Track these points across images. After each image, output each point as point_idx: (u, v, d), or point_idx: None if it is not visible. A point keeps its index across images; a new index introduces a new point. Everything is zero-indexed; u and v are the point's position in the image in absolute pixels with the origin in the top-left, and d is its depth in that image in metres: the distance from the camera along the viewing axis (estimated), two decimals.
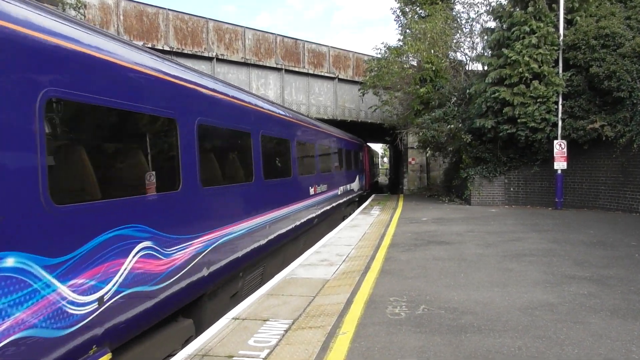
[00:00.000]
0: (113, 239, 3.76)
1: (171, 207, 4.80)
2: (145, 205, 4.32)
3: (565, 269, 7.05)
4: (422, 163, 27.57)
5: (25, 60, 3.08)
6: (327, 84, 25.31)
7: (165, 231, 4.54)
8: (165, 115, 4.80)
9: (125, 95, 4.11)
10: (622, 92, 13.56)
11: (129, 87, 4.22)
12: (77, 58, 3.59)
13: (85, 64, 3.68)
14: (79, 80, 3.56)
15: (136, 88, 4.34)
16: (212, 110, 5.98)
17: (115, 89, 3.99)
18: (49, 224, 3.14)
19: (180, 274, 4.79)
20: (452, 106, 18.54)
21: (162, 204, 4.62)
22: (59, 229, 3.24)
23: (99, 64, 3.84)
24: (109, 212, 3.76)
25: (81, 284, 3.39)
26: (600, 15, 14.83)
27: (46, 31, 3.29)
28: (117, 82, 4.04)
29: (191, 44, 19.33)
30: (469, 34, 21.61)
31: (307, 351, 4.25)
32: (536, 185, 16.39)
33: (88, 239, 3.50)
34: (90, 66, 3.73)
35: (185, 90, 5.26)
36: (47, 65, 3.26)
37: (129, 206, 4.06)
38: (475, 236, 10.24)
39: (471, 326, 4.71)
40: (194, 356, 4.26)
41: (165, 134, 4.98)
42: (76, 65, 3.57)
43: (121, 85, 4.11)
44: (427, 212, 15.60)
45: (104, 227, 3.68)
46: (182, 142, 5.03)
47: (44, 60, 3.25)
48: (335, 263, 8.10)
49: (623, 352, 4.00)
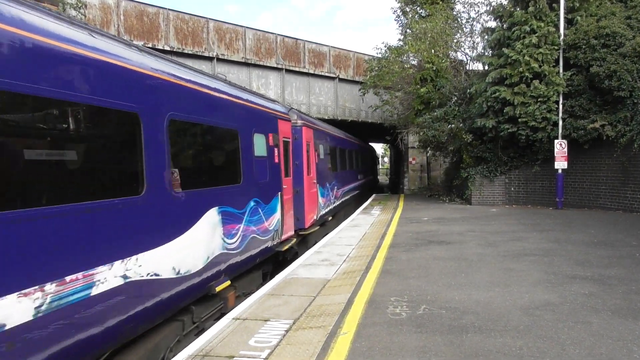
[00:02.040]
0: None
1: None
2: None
3: (566, 268, 7.04)
4: (423, 163, 27.56)
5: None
6: (328, 84, 25.31)
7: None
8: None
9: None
10: (622, 91, 13.55)
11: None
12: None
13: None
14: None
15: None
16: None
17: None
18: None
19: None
20: (453, 106, 18.53)
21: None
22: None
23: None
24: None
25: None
26: (601, 15, 14.82)
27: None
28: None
29: (192, 43, 19.33)
30: (470, 33, 21.58)
31: (308, 351, 4.25)
32: (537, 184, 16.38)
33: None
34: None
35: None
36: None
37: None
38: (476, 236, 10.24)
39: (472, 326, 4.70)
40: (194, 356, 4.26)
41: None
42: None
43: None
44: (428, 211, 15.59)
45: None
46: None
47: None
48: (336, 263, 8.10)
49: (624, 352, 4.00)
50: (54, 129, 3.58)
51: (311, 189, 11.46)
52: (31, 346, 3.10)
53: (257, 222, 7.40)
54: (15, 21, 3.18)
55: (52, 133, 3.56)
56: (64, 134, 3.69)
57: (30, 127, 3.40)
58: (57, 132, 3.62)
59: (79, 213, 3.60)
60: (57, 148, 3.62)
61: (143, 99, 4.48)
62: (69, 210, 3.51)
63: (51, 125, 3.55)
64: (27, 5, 3.42)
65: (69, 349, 3.42)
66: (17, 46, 3.15)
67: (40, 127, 3.46)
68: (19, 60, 3.16)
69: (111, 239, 3.94)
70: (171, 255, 4.76)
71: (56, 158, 3.59)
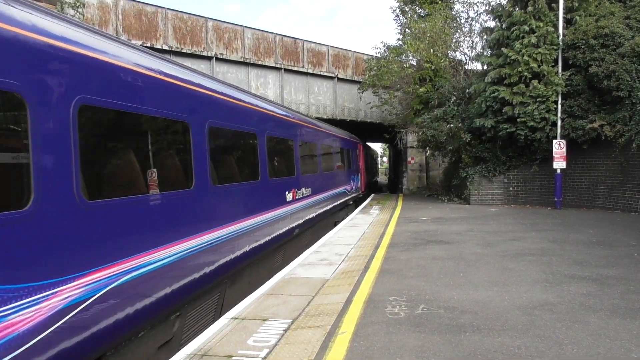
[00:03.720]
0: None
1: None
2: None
3: (565, 268, 7.05)
4: (422, 162, 27.58)
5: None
6: (327, 84, 25.31)
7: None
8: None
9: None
10: (621, 91, 13.56)
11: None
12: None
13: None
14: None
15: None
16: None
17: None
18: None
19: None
20: (452, 105, 18.54)
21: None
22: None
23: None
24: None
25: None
26: (600, 15, 14.83)
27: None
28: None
29: (190, 43, 19.31)
30: (469, 33, 21.62)
31: (307, 351, 4.24)
32: (535, 184, 16.40)
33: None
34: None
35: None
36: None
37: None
38: (475, 236, 10.24)
39: (470, 326, 4.70)
40: (193, 356, 4.26)
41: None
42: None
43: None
44: (427, 211, 15.60)
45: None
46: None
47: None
48: (334, 262, 8.10)
49: (622, 352, 4.00)
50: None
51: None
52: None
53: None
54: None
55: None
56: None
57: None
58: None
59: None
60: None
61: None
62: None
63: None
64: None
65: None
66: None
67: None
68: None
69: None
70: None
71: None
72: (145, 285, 4.30)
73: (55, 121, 3.42)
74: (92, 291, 3.59)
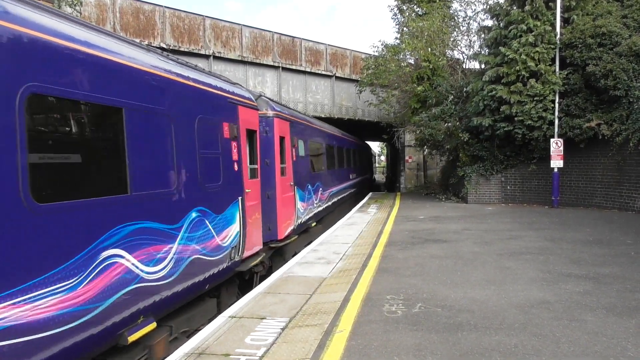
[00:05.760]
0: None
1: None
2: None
3: (562, 267, 7.07)
4: (420, 161, 27.61)
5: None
6: (325, 82, 25.28)
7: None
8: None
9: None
10: (618, 90, 13.59)
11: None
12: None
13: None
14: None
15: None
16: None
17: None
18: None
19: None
20: (450, 104, 18.56)
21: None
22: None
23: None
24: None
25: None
26: (597, 14, 14.86)
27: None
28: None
29: (188, 41, 19.26)
30: (466, 32, 21.64)
31: (304, 349, 4.25)
32: (533, 183, 16.43)
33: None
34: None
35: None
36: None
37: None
38: (472, 234, 10.26)
39: (467, 324, 4.72)
40: (190, 354, 4.26)
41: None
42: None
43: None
44: (424, 210, 15.62)
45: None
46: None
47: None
48: (332, 261, 8.10)
49: (619, 350, 4.02)
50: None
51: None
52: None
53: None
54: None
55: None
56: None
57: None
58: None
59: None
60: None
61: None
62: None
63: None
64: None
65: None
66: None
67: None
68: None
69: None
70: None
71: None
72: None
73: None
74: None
